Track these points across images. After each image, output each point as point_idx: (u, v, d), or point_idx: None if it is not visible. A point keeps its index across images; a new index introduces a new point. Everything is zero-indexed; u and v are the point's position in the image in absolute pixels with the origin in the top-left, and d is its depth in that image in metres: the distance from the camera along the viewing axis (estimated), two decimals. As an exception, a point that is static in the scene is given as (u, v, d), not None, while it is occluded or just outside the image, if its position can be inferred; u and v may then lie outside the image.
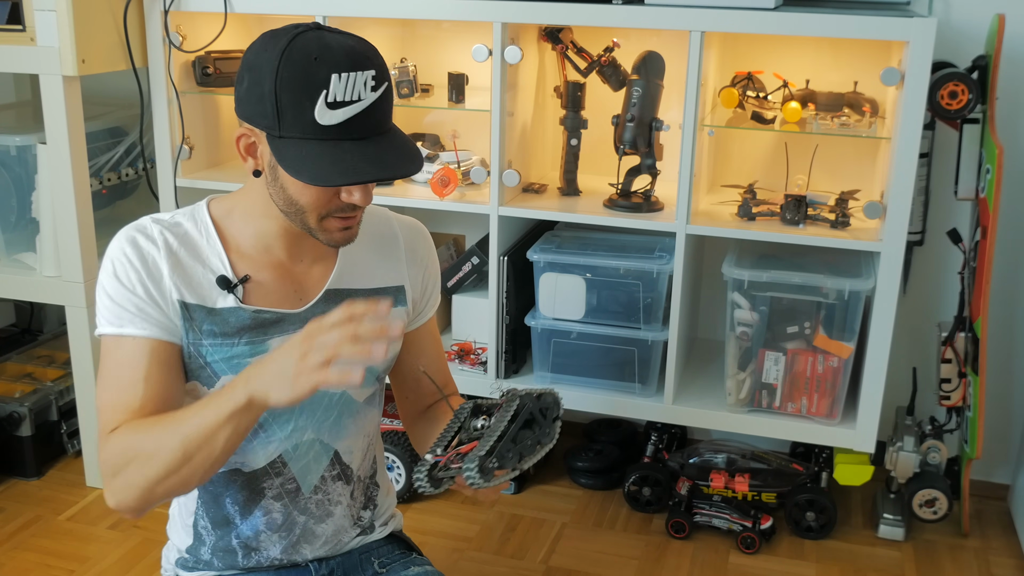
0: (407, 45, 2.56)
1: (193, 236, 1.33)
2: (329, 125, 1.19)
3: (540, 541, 2.28)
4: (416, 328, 1.52)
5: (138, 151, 2.61)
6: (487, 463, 1.16)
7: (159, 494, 1.21)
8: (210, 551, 1.42)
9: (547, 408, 1.25)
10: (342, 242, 1.32)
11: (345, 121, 1.20)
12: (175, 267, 1.30)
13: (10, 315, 3.09)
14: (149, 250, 1.29)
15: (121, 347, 1.27)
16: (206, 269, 1.32)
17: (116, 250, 1.30)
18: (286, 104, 1.19)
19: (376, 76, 1.21)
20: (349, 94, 1.19)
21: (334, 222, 1.28)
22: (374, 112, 1.22)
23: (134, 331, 1.27)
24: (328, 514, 1.44)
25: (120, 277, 1.28)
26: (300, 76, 1.18)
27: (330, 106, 1.19)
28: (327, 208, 1.27)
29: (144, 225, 1.32)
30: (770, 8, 1.98)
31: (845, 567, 2.20)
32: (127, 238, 1.30)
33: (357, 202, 1.26)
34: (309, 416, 1.38)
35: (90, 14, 2.16)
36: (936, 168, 2.33)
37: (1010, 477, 2.48)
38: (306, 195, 1.25)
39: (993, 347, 2.38)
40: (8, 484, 2.45)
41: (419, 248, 1.50)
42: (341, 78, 1.18)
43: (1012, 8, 2.17)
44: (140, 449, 1.21)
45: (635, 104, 2.18)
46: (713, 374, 2.39)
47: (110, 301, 1.28)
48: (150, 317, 1.27)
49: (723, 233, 2.15)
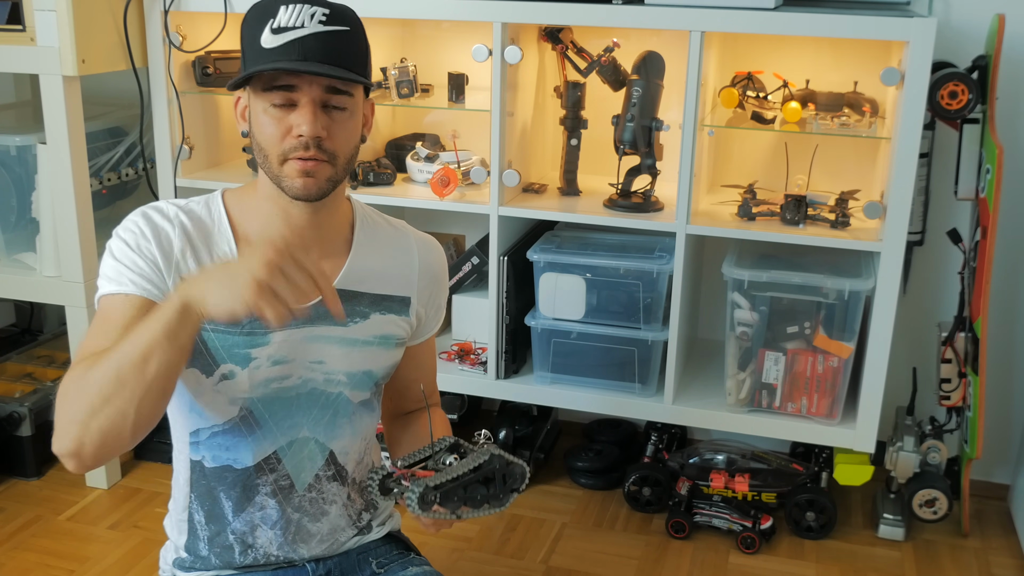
0: (407, 45, 2.56)
1: (206, 222, 1.35)
2: (270, 48, 1.24)
3: (540, 541, 2.28)
4: (418, 344, 1.54)
5: (138, 151, 2.61)
6: (429, 495, 1.21)
7: (95, 431, 1.13)
8: (207, 546, 1.42)
9: (512, 477, 1.29)
10: (302, 191, 1.29)
11: (285, 44, 1.24)
12: (186, 246, 1.32)
13: (10, 315, 3.09)
14: (163, 225, 1.32)
15: (114, 303, 1.27)
16: (215, 254, 1.33)
17: (129, 220, 1.32)
18: (246, 42, 1.28)
19: (329, 15, 1.25)
20: (293, 21, 1.24)
21: (293, 164, 1.28)
22: (317, 41, 1.24)
23: (132, 289, 1.27)
24: (323, 512, 1.44)
25: (129, 241, 1.30)
26: (257, 11, 1.27)
27: (274, 32, 1.25)
28: (281, 145, 1.27)
29: (160, 205, 1.35)
30: (770, 8, 1.98)
31: (845, 567, 2.20)
32: (142, 212, 1.33)
33: (305, 132, 1.25)
34: (304, 414, 1.39)
35: (90, 14, 2.16)
36: (936, 168, 2.33)
37: (1010, 477, 2.48)
38: (263, 132, 1.28)
39: (993, 347, 2.38)
40: (8, 484, 2.45)
41: (433, 265, 1.51)
42: (288, 8, 1.25)
43: (1012, 8, 2.17)
44: (78, 382, 1.16)
45: (635, 104, 2.18)
46: (713, 374, 2.39)
47: (114, 261, 1.29)
48: (151, 281, 1.28)
49: (723, 233, 2.15)
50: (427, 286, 1.49)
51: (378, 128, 2.56)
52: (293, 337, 1.35)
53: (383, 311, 1.43)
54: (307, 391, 1.38)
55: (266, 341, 1.33)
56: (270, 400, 1.36)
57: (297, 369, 1.37)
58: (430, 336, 1.56)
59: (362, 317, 1.41)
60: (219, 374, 1.32)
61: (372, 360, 1.43)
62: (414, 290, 1.47)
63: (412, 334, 1.50)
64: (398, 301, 1.45)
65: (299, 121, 1.26)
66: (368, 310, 1.41)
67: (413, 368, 1.55)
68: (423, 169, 2.38)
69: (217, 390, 1.34)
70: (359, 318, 1.40)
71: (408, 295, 1.46)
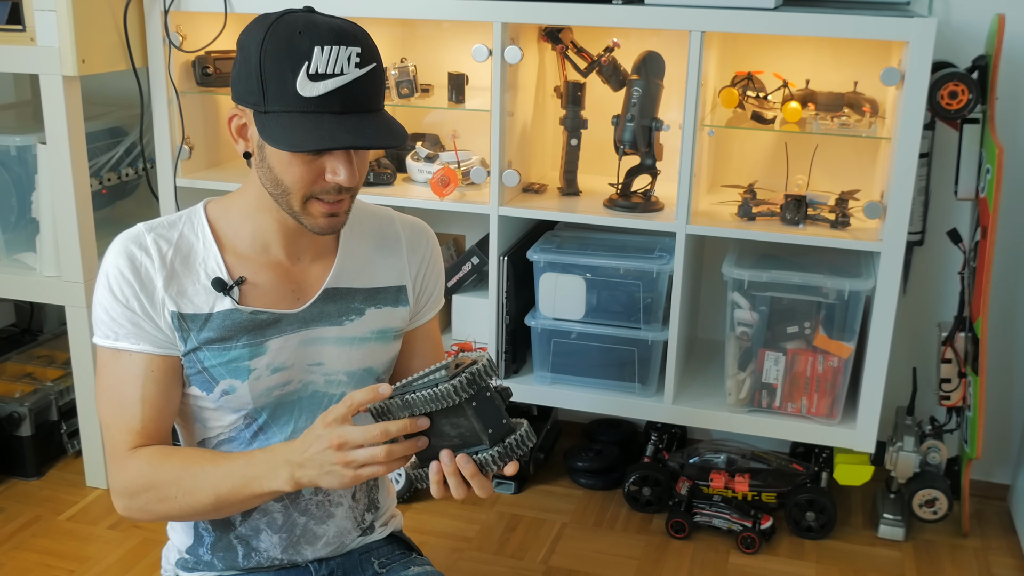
0: (407, 45, 2.57)
1: (189, 240, 1.33)
2: (310, 97, 1.19)
3: (540, 541, 2.28)
4: (415, 328, 1.51)
5: (138, 151, 2.61)
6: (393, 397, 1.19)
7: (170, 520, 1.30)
8: (210, 551, 1.42)
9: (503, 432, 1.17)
10: (327, 229, 1.29)
11: (327, 94, 1.19)
12: (169, 278, 1.30)
13: (10, 315, 3.09)
14: (143, 262, 1.29)
15: (118, 361, 1.30)
16: (201, 274, 1.32)
17: (110, 264, 1.30)
18: (270, 77, 1.20)
19: (362, 54, 1.21)
20: (332, 67, 1.19)
21: (318, 206, 1.27)
22: (357, 88, 1.21)
23: (129, 346, 1.29)
24: (329, 515, 1.44)
25: (115, 292, 1.28)
26: (284, 48, 1.19)
27: (312, 78, 1.18)
28: (311, 188, 1.25)
29: (138, 234, 1.32)
30: (770, 8, 1.98)
31: (845, 567, 2.20)
32: (121, 250, 1.30)
33: (342, 182, 1.23)
34: (308, 417, 1.38)
35: (90, 14, 2.16)
36: (936, 168, 2.33)
37: (1010, 477, 2.48)
38: (290, 173, 1.24)
39: (993, 347, 2.38)
40: (8, 484, 2.45)
41: (420, 246, 1.49)
42: (324, 51, 1.18)
43: (1012, 8, 2.18)
44: (164, 485, 1.27)
45: (635, 104, 2.18)
46: (713, 374, 2.39)
47: (106, 315, 1.29)
48: (144, 332, 1.29)
49: (723, 233, 2.15)
50: (420, 270, 1.48)
51: (378, 128, 2.56)
52: (289, 342, 1.35)
53: (378, 304, 1.43)
54: (308, 394, 1.38)
55: (263, 351, 1.33)
56: (273, 407, 1.36)
57: (296, 374, 1.36)
58: (430, 319, 1.53)
59: (357, 314, 1.40)
60: (219, 390, 1.32)
61: (371, 356, 1.42)
62: (407, 277, 1.46)
63: (410, 321, 1.49)
64: (392, 292, 1.45)
65: (337, 169, 1.23)
66: (363, 306, 1.41)
67: (415, 357, 1.52)
68: (423, 169, 2.39)
69: (219, 405, 1.34)
70: (354, 315, 1.40)
71: (402, 283, 1.46)
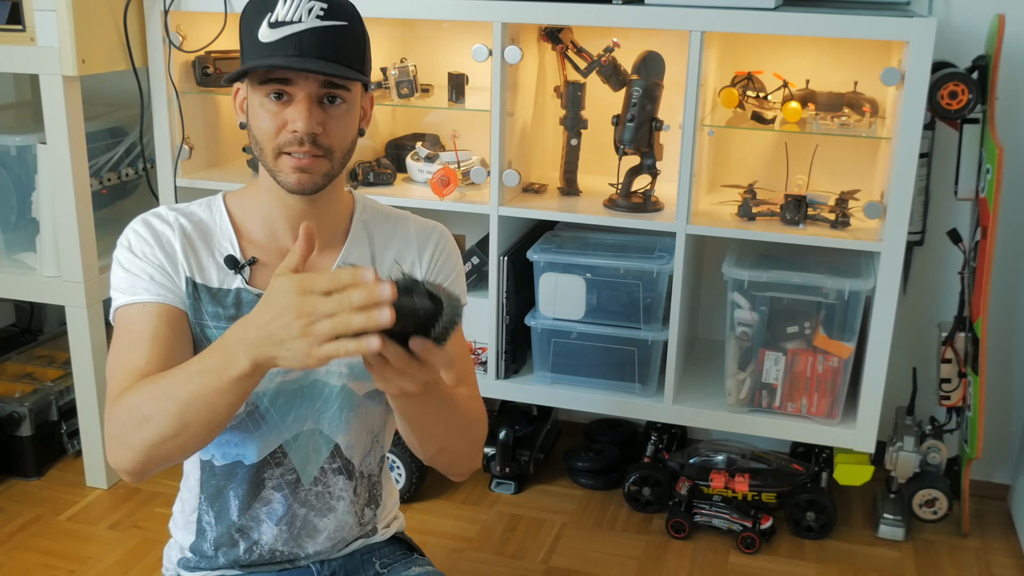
0: (407, 45, 2.56)
1: (207, 222, 1.38)
2: (267, 42, 1.24)
3: (540, 541, 2.28)
4: None
5: (138, 151, 2.61)
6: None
7: (156, 459, 1.19)
8: (212, 546, 1.42)
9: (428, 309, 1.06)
10: (296, 187, 1.30)
11: (282, 39, 1.24)
12: (187, 247, 1.34)
13: (10, 315, 3.09)
14: (163, 230, 1.35)
15: (132, 314, 1.30)
16: (216, 252, 1.36)
17: (130, 229, 1.35)
18: (244, 34, 1.28)
19: (327, 9, 1.25)
20: (290, 16, 1.24)
21: (287, 159, 1.29)
22: (313, 37, 1.24)
23: (147, 297, 1.30)
24: (330, 508, 1.44)
25: (134, 250, 1.33)
26: (256, 4, 1.27)
27: (271, 26, 1.24)
28: (275, 140, 1.28)
29: (159, 211, 1.38)
30: (770, 8, 1.98)
31: (845, 567, 2.20)
32: (142, 220, 1.36)
33: (298, 129, 1.26)
34: (309, 406, 1.39)
35: (90, 14, 2.16)
36: (936, 168, 2.33)
37: (1010, 477, 2.48)
38: (259, 127, 1.29)
39: (993, 347, 2.38)
40: (8, 484, 2.45)
41: (431, 241, 1.49)
42: (286, 2, 1.24)
43: (1012, 8, 2.17)
44: (138, 412, 1.18)
45: (635, 104, 2.18)
46: (713, 374, 2.39)
47: (124, 272, 1.32)
48: (162, 285, 1.31)
49: (723, 233, 2.15)
50: (431, 263, 1.48)
51: (378, 128, 2.56)
52: None
53: None
54: (309, 383, 1.38)
55: None
56: (275, 394, 1.36)
57: None
58: None
59: None
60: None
61: None
62: (418, 271, 1.46)
63: None
64: None
65: (294, 116, 1.26)
66: None
67: None
68: (423, 169, 2.38)
69: None
70: None
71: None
